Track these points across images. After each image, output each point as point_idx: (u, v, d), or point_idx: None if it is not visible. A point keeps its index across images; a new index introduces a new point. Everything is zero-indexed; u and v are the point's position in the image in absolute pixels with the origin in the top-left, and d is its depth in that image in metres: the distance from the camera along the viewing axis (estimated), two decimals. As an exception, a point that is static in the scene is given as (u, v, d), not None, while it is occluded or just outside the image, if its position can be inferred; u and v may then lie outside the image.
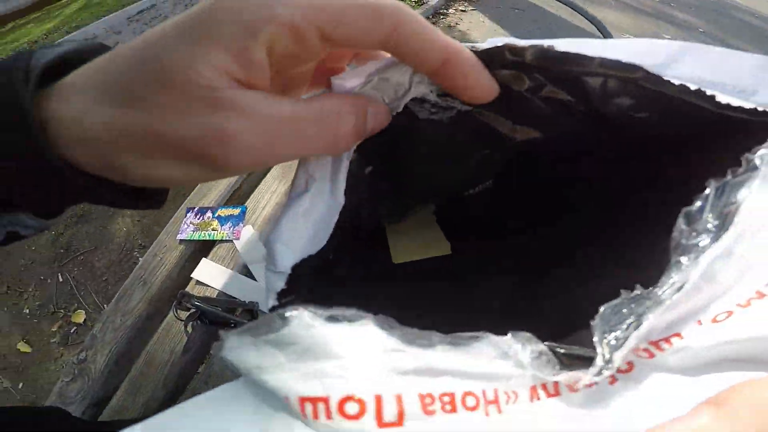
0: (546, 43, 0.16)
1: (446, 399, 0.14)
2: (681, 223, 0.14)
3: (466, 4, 2.75)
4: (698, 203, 0.14)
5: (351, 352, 0.14)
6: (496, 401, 0.14)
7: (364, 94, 0.19)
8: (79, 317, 1.53)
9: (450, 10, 2.67)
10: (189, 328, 0.57)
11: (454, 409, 0.14)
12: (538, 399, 0.15)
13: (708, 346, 0.13)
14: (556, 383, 0.15)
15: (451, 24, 2.56)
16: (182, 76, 0.14)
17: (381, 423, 0.13)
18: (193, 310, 0.56)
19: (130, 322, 0.62)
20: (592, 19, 0.84)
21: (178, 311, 0.57)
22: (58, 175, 0.15)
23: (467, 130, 0.23)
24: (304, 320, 0.14)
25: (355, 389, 0.13)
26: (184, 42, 0.14)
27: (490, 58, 0.17)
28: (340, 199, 0.19)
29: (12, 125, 0.14)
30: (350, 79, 0.18)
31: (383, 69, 0.18)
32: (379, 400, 0.13)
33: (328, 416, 0.13)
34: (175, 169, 0.15)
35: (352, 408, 0.13)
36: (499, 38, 0.17)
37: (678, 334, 0.14)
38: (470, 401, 0.14)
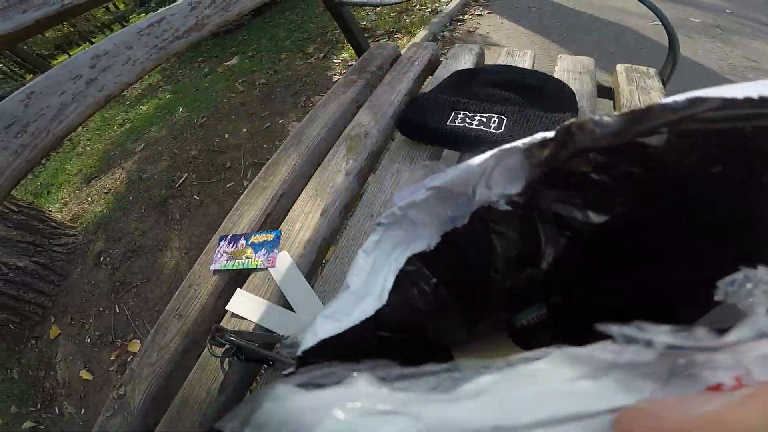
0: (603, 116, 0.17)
1: None
2: None
3: (480, 8, 2.70)
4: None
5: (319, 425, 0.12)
6: None
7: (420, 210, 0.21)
8: (135, 346, 1.55)
9: (466, 16, 2.63)
10: (225, 365, 0.52)
11: None
12: None
13: None
14: None
15: (470, 29, 2.49)
16: None
17: None
18: (228, 346, 0.51)
19: (167, 356, 0.58)
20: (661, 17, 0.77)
21: (213, 347, 0.52)
22: None
23: (538, 224, 0.25)
24: (276, 393, 0.13)
25: None
26: None
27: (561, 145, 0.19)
28: (384, 298, 0.21)
29: None
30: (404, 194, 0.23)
31: (443, 185, 0.21)
32: None
33: None
34: None
35: None
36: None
37: None
38: None
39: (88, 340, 1.66)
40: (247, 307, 0.55)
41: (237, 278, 0.61)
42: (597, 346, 0.11)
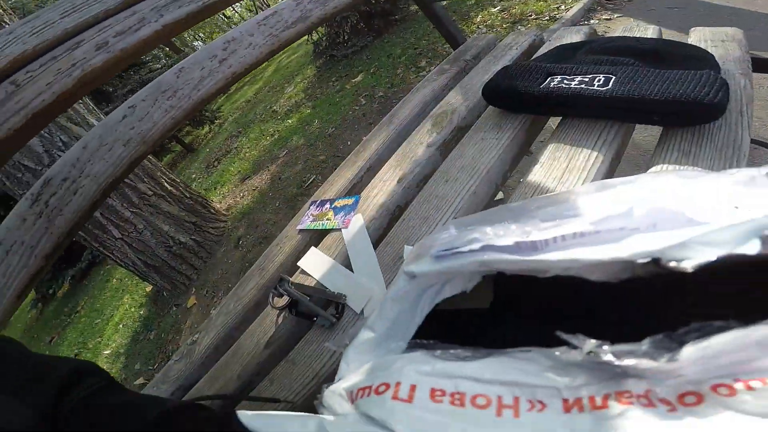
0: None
1: (456, 396, 0.19)
2: None
3: (609, 12, 2.30)
4: None
5: (393, 366, 0.22)
6: (513, 406, 0.18)
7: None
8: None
9: (592, 21, 2.28)
10: (279, 319, 0.53)
11: (462, 405, 0.19)
12: (579, 411, 0.16)
13: None
14: (605, 396, 0.16)
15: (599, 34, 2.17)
16: None
17: (395, 397, 0.20)
18: (287, 299, 0.51)
19: (240, 307, 0.60)
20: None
21: (274, 298, 0.54)
22: None
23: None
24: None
25: (386, 379, 0.21)
26: None
27: None
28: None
29: None
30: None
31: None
32: (398, 384, 0.21)
33: (368, 395, 0.21)
34: None
35: (381, 388, 0.21)
36: None
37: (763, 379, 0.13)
38: (480, 401, 0.19)
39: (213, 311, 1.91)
40: (314, 263, 0.56)
41: (319, 238, 0.62)
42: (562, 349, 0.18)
